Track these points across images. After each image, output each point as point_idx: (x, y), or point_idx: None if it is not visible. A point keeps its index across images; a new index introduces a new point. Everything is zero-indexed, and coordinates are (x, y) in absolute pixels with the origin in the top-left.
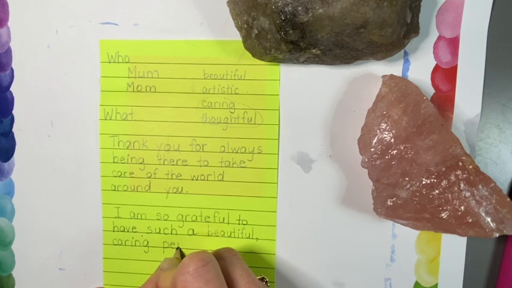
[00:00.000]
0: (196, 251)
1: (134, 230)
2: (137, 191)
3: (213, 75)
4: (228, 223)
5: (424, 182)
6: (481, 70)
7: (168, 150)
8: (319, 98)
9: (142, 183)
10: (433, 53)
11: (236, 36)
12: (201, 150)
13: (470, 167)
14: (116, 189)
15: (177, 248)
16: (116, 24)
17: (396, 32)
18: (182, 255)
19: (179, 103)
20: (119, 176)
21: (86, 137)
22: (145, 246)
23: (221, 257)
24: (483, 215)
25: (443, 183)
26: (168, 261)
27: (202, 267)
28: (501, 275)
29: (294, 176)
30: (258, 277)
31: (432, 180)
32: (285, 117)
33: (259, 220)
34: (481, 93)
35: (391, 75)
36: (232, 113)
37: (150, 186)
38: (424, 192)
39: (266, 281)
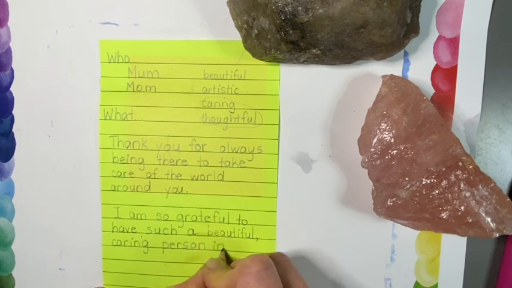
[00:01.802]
0: (256, 253)
1: (134, 231)
2: (137, 191)
3: (213, 75)
4: (228, 223)
5: (424, 182)
6: (481, 70)
7: (168, 150)
8: (319, 98)
9: (142, 183)
10: (433, 53)
11: (236, 36)
12: (201, 150)
13: (470, 167)
14: (116, 189)
15: (223, 250)
16: (116, 24)
17: (396, 32)
18: (227, 258)
19: (179, 103)
20: (119, 176)
21: (85, 137)
22: (145, 246)
23: (276, 262)
24: (483, 215)
25: (443, 183)
26: (216, 261)
27: (264, 270)
28: (501, 275)
29: (294, 176)
30: None
31: (432, 180)
32: (285, 117)
33: (259, 220)
34: (481, 93)
35: (391, 75)
36: (232, 113)
37: (149, 187)
38: (424, 192)
39: None
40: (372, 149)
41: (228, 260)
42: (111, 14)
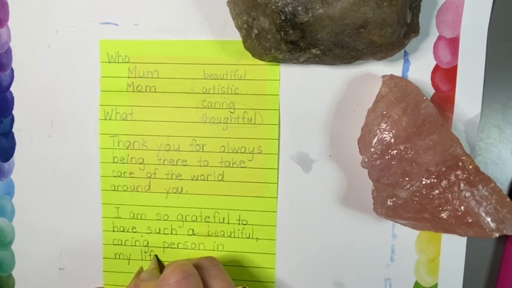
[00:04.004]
0: (177, 260)
1: (134, 230)
2: (137, 191)
3: (213, 75)
4: (228, 223)
5: (424, 182)
6: (481, 70)
7: (168, 150)
8: (319, 98)
9: (142, 183)
10: (433, 53)
11: (236, 36)
12: (201, 150)
13: (470, 167)
14: (116, 189)
15: (155, 256)
16: (116, 24)
17: (396, 32)
18: (160, 264)
19: (179, 103)
20: (119, 176)
21: (86, 137)
22: (145, 246)
23: (202, 267)
24: (483, 215)
25: (443, 183)
26: (148, 273)
27: (183, 279)
28: (501, 275)
29: (294, 176)
30: (239, 287)
31: (432, 180)
32: (285, 117)
33: (259, 220)
34: (481, 93)
35: (391, 75)
36: (232, 113)
37: (150, 186)
38: (424, 192)
39: None
40: (372, 149)
41: (161, 265)
42: (111, 14)
